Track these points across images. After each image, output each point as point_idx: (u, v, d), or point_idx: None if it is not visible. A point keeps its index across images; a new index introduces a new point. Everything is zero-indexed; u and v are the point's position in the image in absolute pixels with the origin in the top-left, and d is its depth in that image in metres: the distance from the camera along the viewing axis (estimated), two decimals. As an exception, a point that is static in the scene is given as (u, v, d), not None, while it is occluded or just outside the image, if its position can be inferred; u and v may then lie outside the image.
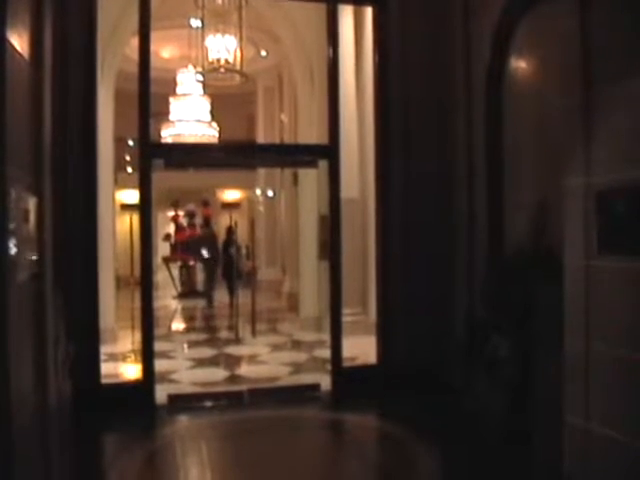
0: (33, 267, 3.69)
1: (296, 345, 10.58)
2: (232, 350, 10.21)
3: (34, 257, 3.71)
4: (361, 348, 8.16)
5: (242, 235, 15.69)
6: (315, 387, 7.51)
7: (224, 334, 12.05)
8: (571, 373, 4.56)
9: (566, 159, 4.72)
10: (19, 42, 3.34)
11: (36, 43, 3.76)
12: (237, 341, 11.01)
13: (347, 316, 8.54)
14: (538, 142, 5.80)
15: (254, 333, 11.37)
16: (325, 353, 8.31)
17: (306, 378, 8.07)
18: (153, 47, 7.16)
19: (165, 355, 9.38)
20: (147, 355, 7.05)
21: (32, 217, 3.66)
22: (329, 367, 7.68)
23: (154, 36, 7.25)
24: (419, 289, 7.39)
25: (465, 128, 6.97)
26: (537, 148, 5.82)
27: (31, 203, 3.65)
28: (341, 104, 7.86)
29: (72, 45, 6.48)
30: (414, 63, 7.48)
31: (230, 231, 15.70)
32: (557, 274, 4.73)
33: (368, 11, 8.68)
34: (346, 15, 10.45)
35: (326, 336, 8.34)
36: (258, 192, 19.93)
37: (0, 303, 3.05)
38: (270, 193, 18.93)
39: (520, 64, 6.16)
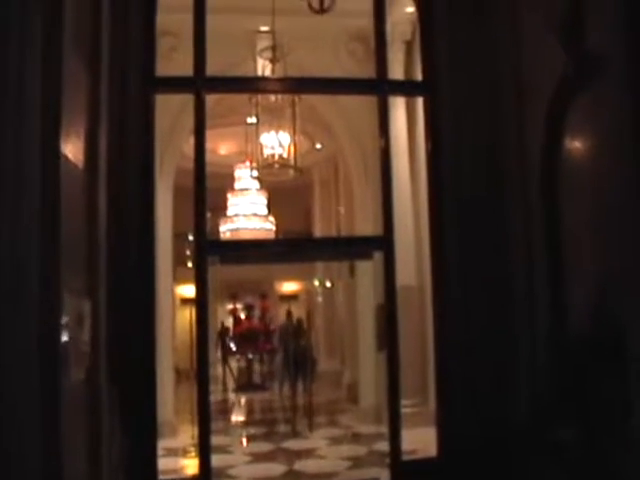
0: (87, 365, 3.75)
1: (355, 438, 10.35)
2: (290, 444, 10.03)
3: (88, 356, 3.77)
4: (421, 440, 7.90)
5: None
6: (374, 482, 7.30)
7: (282, 428, 11.89)
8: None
9: (628, 239, 4.63)
10: (72, 152, 3.49)
11: (90, 149, 3.93)
12: (295, 435, 10.83)
13: (406, 407, 8.34)
14: (598, 221, 5.69)
15: (311, 427, 11.17)
16: (384, 446, 8.08)
17: (365, 473, 7.86)
18: (211, 144, 7.37)
19: (223, 449, 9.28)
20: (204, 450, 6.95)
21: (86, 318, 3.74)
22: (388, 461, 7.46)
23: (211, 134, 7.47)
24: (479, 377, 7.15)
25: (522, 212, 6.89)
26: (597, 227, 5.71)
27: (84, 305, 3.74)
28: (395, 192, 7.86)
29: (129, 145, 6.69)
30: (467, 148, 7.47)
31: (299, 322, 15.83)
32: (624, 357, 4.58)
33: (420, 99, 8.80)
34: (399, 104, 10.66)
35: (386, 428, 8.15)
36: (316, 283, 20.00)
37: (53, 402, 3.09)
38: (328, 284, 18.97)
39: (575, 144, 6.12)
